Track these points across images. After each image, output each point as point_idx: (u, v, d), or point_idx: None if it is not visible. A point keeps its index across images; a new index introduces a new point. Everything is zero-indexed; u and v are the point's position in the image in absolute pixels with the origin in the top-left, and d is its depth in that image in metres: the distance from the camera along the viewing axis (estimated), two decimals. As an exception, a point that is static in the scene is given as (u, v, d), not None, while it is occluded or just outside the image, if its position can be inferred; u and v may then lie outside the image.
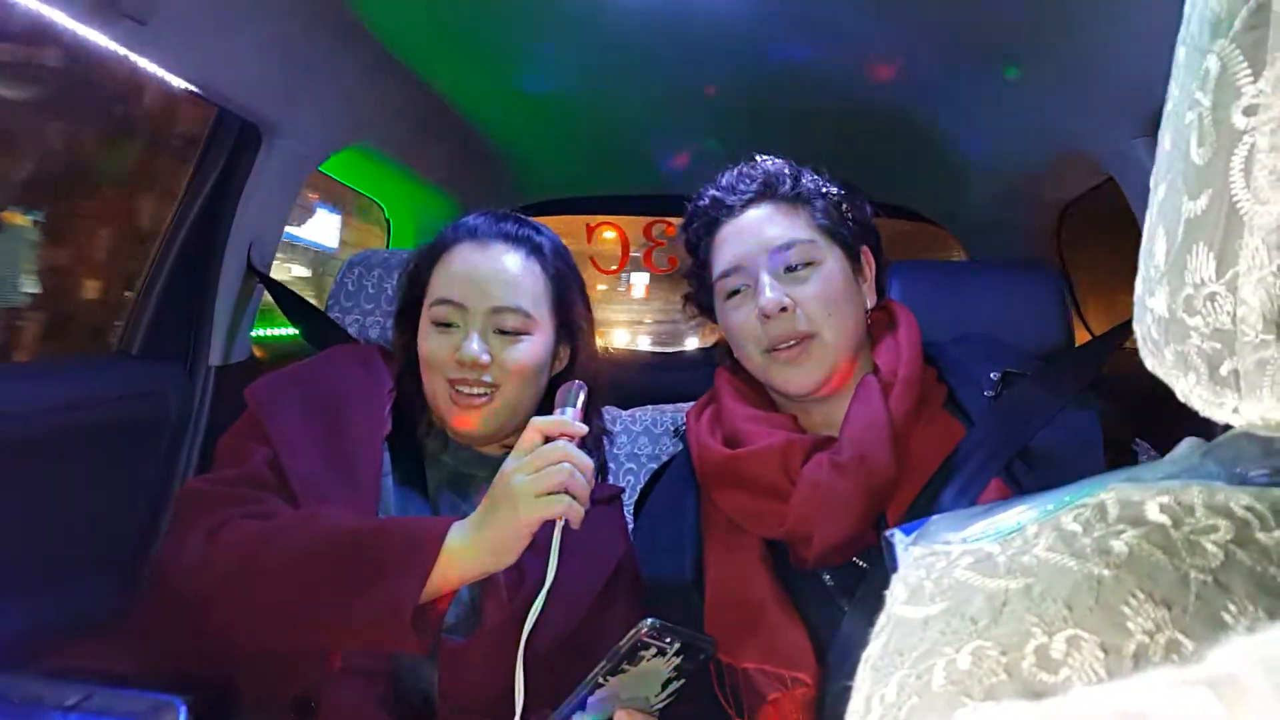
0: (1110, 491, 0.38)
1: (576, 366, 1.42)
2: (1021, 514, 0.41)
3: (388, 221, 2.93)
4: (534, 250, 1.37)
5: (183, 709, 0.88)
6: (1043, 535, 0.38)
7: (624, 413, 1.97)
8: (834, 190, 1.36)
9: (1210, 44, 0.35)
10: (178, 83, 1.47)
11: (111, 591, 1.48)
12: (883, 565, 1.15)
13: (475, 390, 1.30)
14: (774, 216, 1.32)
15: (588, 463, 1.10)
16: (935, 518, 0.48)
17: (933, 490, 1.21)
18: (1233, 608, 0.31)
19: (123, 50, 1.31)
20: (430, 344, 1.33)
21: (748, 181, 1.34)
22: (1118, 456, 1.22)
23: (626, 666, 0.97)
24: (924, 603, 0.39)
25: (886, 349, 1.33)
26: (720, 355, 1.49)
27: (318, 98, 1.83)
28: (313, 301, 1.87)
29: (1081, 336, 2.10)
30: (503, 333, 1.32)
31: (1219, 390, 0.37)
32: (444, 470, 1.36)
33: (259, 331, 1.99)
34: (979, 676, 0.34)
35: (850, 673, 0.40)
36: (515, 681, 1.03)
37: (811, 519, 1.21)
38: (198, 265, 1.77)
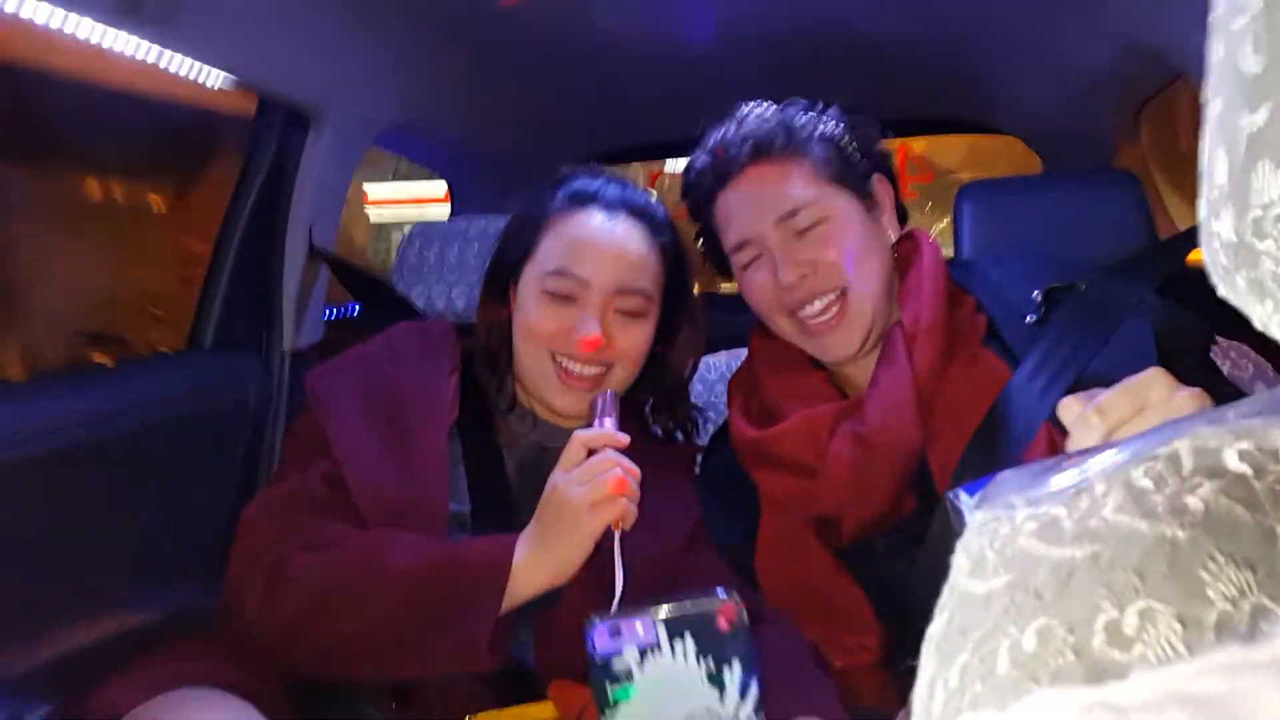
0: (1185, 438, 0.34)
1: (679, 344, 1.39)
2: (1092, 467, 0.37)
3: (451, 189, 2.93)
4: (655, 227, 1.32)
5: None
6: (1111, 494, 0.34)
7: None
8: (830, 128, 1.27)
9: None
10: (215, 74, 1.46)
11: (206, 586, 1.51)
12: (936, 524, 1.10)
13: (589, 370, 1.27)
14: (773, 178, 1.24)
15: (634, 468, 1.09)
16: (1000, 475, 0.44)
17: (978, 445, 1.14)
18: None
19: (156, 47, 1.31)
20: (540, 316, 1.27)
21: (737, 143, 1.26)
22: (1195, 365, 1.12)
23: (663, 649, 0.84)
24: (987, 576, 0.36)
25: (910, 292, 1.25)
26: None
27: (363, 77, 1.82)
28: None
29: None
30: (621, 313, 1.28)
31: None
32: (522, 446, 1.34)
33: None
34: (1045, 659, 0.31)
35: (915, 640, 0.38)
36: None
37: (841, 498, 1.17)
38: (261, 253, 1.79)
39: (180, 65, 1.42)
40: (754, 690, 0.85)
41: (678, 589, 1.21)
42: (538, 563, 1.08)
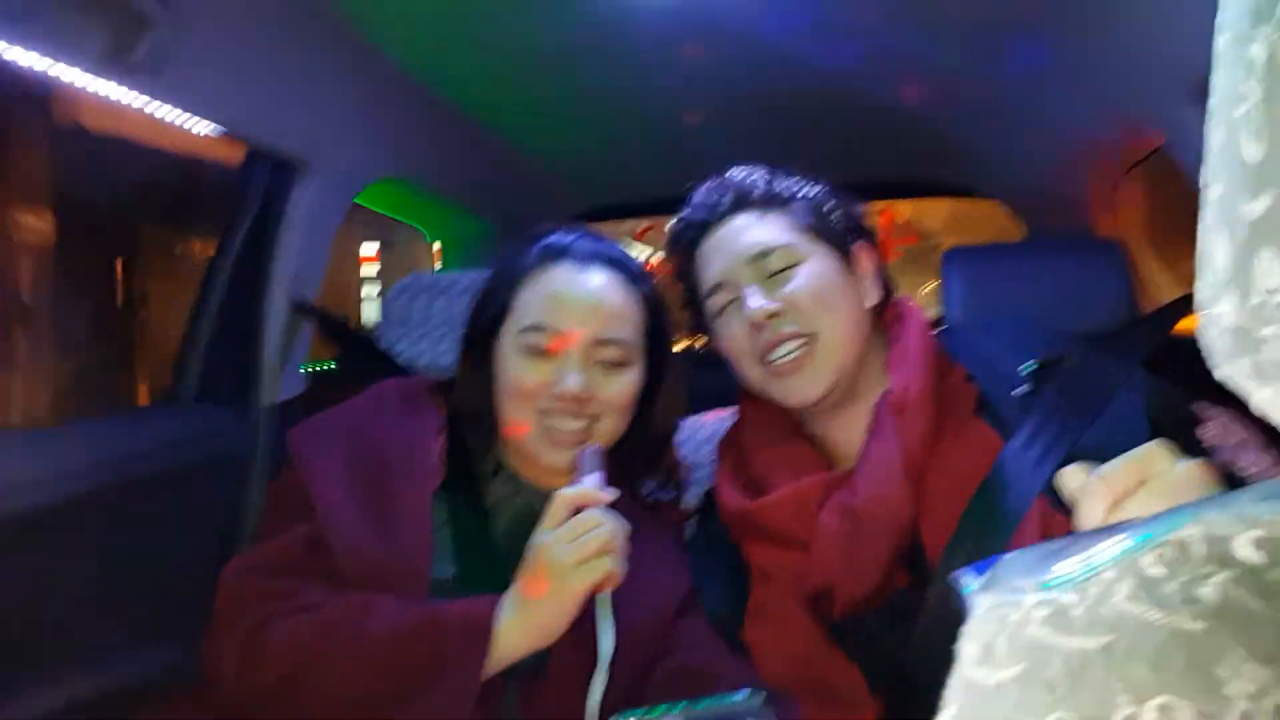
0: (1195, 525, 0.33)
1: (663, 395, 1.37)
2: (1100, 552, 0.36)
3: (440, 245, 2.93)
4: (631, 276, 1.31)
5: None
6: (1123, 581, 0.33)
7: (684, 420, 1.92)
8: (813, 191, 1.30)
9: (1253, 31, 0.32)
10: (203, 125, 1.46)
11: (188, 646, 1.46)
12: (933, 604, 1.09)
13: (575, 425, 1.24)
14: (750, 225, 1.27)
15: (621, 525, 1.07)
16: (1006, 557, 0.42)
17: (972, 517, 1.12)
18: None
19: (143, 97, 1.31)
20: (520, 372, 1.25)
21: (718, 195, 1.30)
22: (1187, 437, 1.10)
23: None
24: (997, 666, 0.35)
25: (898, 360, 1.24)
26: None
27: (348, 130, 1.82)
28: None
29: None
30: (603, 363, 1.25)
31: None
32: (509, 509, 1.30)
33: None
34: None
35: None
36: None
37: (831, 571, 1.15)
38: (243, 306, 1.78)
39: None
40: None
41: (669, 656, 1.19)
42: (521, 625, 1.06)
